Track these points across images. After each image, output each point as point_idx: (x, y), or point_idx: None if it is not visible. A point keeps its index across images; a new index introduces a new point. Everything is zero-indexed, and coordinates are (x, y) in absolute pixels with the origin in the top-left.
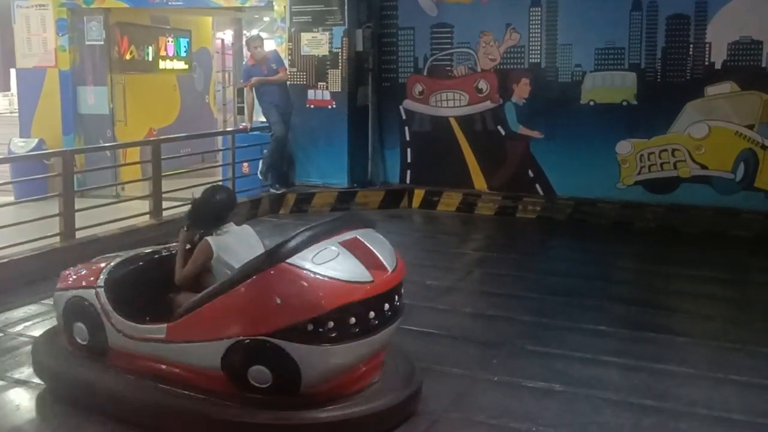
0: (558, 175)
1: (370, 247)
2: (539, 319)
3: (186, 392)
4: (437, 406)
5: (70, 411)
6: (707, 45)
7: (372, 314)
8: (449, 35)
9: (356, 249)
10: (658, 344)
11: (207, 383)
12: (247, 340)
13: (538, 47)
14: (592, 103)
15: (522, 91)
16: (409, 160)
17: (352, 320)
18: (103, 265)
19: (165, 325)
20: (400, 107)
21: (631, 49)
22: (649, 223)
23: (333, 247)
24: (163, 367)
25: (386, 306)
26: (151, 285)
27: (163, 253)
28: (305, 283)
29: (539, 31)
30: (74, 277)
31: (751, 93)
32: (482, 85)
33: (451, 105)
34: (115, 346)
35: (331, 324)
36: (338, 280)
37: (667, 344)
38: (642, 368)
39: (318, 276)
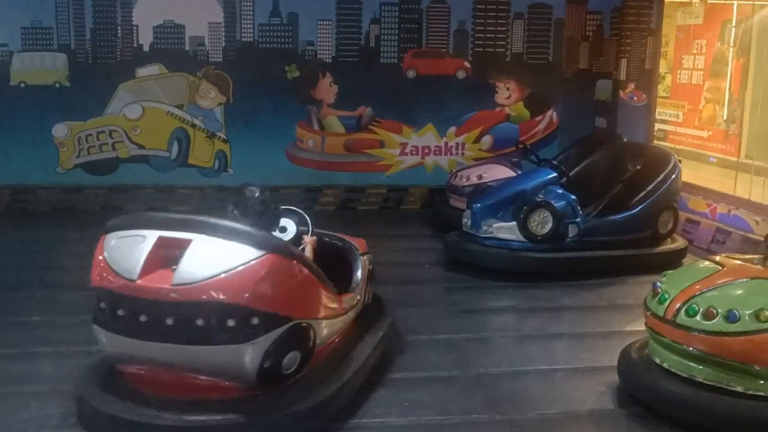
0: None
1: (191, 255)
2: None
3: None
4: None
5: None
6: (135, 27)
7: (143, 317)
8: None
9: (168, 248)
10: None
11: None
12: None
13: None
14: (23, 85)
15: None
16: None
17: (120, 312)
18: None
19: None
20: None
21: (59, 30)
22: (94, 205)
23: (146, 236)
24: None
25: (144, 317)
26: None
27: None
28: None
29: None
30: None
31: (178, 75)
32: None
33: None
34: None
35: (102, 304)
36: (108, 265)
37: None
38: None
39: (100, 255)
